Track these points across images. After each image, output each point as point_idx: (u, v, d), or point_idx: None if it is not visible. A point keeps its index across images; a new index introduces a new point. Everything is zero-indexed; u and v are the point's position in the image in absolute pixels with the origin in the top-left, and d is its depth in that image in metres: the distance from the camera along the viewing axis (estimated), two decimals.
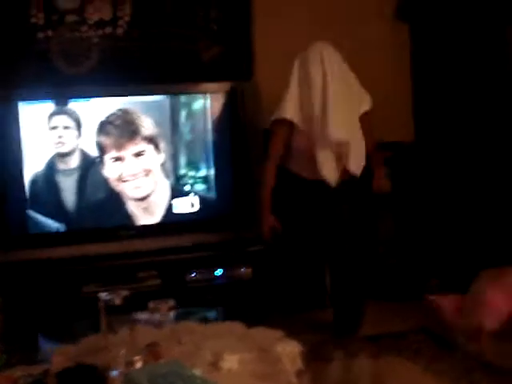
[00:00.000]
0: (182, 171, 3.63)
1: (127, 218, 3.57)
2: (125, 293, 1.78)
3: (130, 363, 1.70)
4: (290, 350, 1.86)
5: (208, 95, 3.63)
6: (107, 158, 3.51)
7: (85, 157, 3.51)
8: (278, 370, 1.77)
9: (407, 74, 4.30)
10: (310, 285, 3.78)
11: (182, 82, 3.76)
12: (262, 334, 2.05)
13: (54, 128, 3.48)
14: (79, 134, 3.51)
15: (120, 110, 3.53)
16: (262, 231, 3.23)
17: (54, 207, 3.48)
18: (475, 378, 2.80)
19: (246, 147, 3.63)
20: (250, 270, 3.65)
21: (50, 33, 3.72)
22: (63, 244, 3.47)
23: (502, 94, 3.63)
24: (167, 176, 3.60)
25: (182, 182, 3.62)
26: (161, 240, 3.58)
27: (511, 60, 3.53)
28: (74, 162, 3.51)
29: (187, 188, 3.62)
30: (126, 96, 3.58)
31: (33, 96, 3.49)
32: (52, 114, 3.48)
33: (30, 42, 3.69)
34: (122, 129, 3.52)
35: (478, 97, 3.78)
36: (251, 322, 2.40)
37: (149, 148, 3.55)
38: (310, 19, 3.98)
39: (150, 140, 3.55)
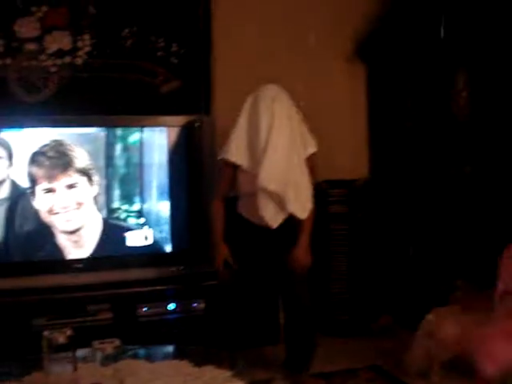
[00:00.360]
0: (135, 204, 3.60)
1: (58, 251, 3.51)
2: (69, 331, 1.75)
3: None
4: None
5: (165, 128, 3.64)
6: (38, 189, 3.45)
7: (15, 187, 3.46)
8: None
9: (363, 113, 4.40)
10: (263, 320, 3.78)
11: (139, 114, 3.76)
12: (209, 373, 2.03)
13: None
14: (10, 164, 3.45)
15: (56, 140, 3.49)
16: (215, 263, 3.23)
17: None
18: None
19: (202, 181, 3.64)
20: (203, 305, 3.63)
21: (8, 60, 3.69)
22: (12, 275, 3.38)
23: (451, 135, 3.74)
24: (104, 209, 3.57)
25: (128, 215, 3.59)
26: (113, 273, 3.53)
27: (459, 103, 3.65)
28: (4, 192, 3.44)
29: (140, 221, 3.60)
30: (83, 127, 3.56)
31: None
32: None
33: None
34: (55, 160, 3.48)
35: (428, 136, 3.89)
36: (202, 357, 2.39)
37: (82, 180, 3.51)
38: (269, 56, 4.04)
39: (85, 173, 3.52)
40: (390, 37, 4.13)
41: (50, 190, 3.45)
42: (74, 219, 3.51)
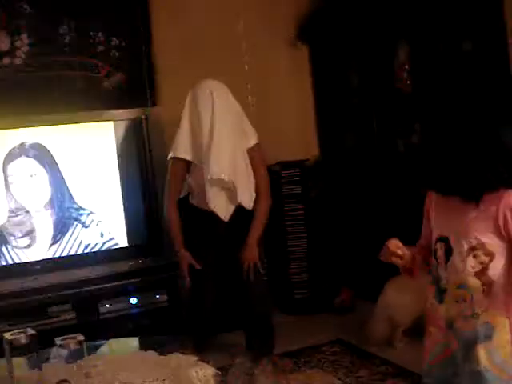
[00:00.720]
0: (90, 200, 3.58)
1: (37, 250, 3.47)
2: (31, 331, 1.74)
3: None
4: (203, 374, 1.87)
5: (111, 123, 3.61)
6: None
7: None
8: None
9: (309, 94, 4.45)
10: (224, 306, 3.80)
11: (85, 110, 3.71)
12: (175, 360, 2.05)
13: None
14: None
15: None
16: (180, 270, 3.24)
17: None
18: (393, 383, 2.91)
19: (152, 174, 3.63)
20: (165, 296, 3.64)
21: None
22: None
23: (395, 109, 3.82)
24: (72, 206, 3.54)
25: (85, 212, 3.56)
26: (73, 272, 3.50)
27: (401, 77, 3.73)
28: None
29: (93, 218, 3.57)
30: (28, 127, 3.50)
31: None
32: None
33: None
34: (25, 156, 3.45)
35: (373, 113, 3.97)
36: (167, 346, 2.40)
37: (46, 176, 3.48)
38: (213, 44, 4.05)
39: (46, 168, 3.48)
40: (330, 17, 4.18)
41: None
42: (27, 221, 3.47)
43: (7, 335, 1.74)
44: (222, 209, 3.15)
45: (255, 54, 4.18)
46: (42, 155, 3.49)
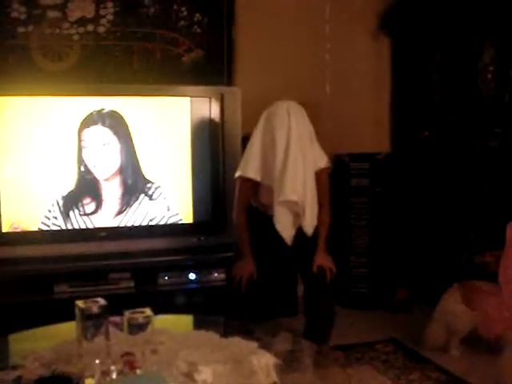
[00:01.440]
0: (159, 173, 3.61)
1: (102, 217, 3.55)
2: (103, 302, 1.77)
3: (106, 373, 1.70)
4: (264, 363, 1.87)
5: (188, 98, 3.62)
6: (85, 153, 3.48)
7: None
8: (253, 382, 1.78)
9: (386, 87, 4.36)
10: (282, 292, 3.80)
11: (162, 83, 3.74)
12: (236, 344, 2.05)
13: None
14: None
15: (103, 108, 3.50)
16: (237, 277, 3.18)
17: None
18: None
19: (223, 153, 3.63)
20: (223, 275, 3.66)
21: (30, 28, 3.68)
22: (36, 243, 3.42)
23: (477, 106, 3.70)
24: (141, 178, 3.59)
25: (153, 185, 3.60)
26: (135, 242, 3.56)
27: (485, 79, 3.61)
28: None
29: (161, 192, 3.61)
30: (105, 96, 3.54)
31: (12, 90, 3.43)
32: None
33: (10, 36, 3.64)
34: (101, 125, 3.49)
35: (452, 111, 3.85)
36: (227, 328, 2.41)
37: (118, 146, 3.53)
38: (294, 29, 4.01)
39: (120, 137, 3.52)
40: (415, 9, 4.07)
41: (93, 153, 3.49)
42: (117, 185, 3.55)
43: (80, 303, 1.77)
44: (287, 232, 3.14)
45: (336, 42, 4.12)
46: (118, 125, 3.52)
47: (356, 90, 4.20)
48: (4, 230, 3.39)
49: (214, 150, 3.64)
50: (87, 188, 3.51)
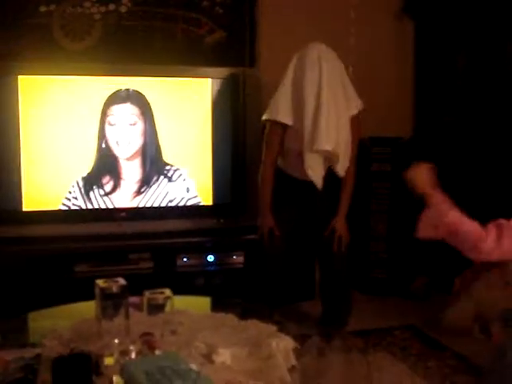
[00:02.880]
0: (179, 155, 3.60)
1: (122, 198, 3.55)
2: (122, 282, 1.77)
3: (125, 352, 1.70)
4: (283, 346, 1.86)
5: (209, 80, 3.59)
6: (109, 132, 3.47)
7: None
8: (272, 365, 1.77)
9: (409, 70, 4.30)
10: (300, 276, 3.79)
11: (183, 64, 3.72)
12: (255, 327, 2.04)
13: None
14: None
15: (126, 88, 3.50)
16: (260, 232, 3.22)
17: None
18: (462, 379, 2.83)
19: (245, 135, 3.61)
20: (242, 258, 3.66)
21: (52, 7, 3.67)
22: (56, 222, 3.44)
23: (502, 94, 3.63)
24: (160, 159, 3.57)
25: (173, 167, 3.59)
26: (155, 223, 3.56)
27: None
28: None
29: (181, 173, 3.60)
30: (126, 76, 3.53)
31: (33, 69, 3.43)
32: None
33: (31, 15, 3.63)
34: (130, 103, 3.50)
35: (477, 97, 3.78)
36: (245, 311, 2.41)
37: (142, 125, 3.52)
38: (316, 10, 3.95)
39: (145, 117, 3.51)
40: None
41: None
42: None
43: (100, 282, 1.76)
44: (318, 177, 3.10)
45: (360, 25, 4.06)
46: (144, 105, 3.52)
47: (379, 74, 4.14)
48: (25, 209, 3.41)
49: (234, 131, 3.62)
50: (107, 167, 3.52)
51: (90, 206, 3.50)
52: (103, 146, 3.49)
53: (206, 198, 3.65)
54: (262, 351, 1.83)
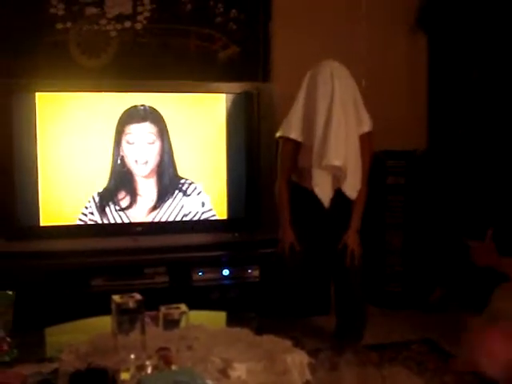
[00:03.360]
0: (193, 170, 3.62)
1: (137, 213, 3.58)
2: (139, 297, 1.79)
3: (141, 367, 1.71)
4: (298, 361, 1.86)
5: (223, 95, 3.62)
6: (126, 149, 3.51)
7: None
8: (287, 380, 1.78)
9: (423, 84, 4.30)
10: (315, 290, 3.79)
11: (197, 80, 3.75)
12: (270, 342, 2.05)
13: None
14: None
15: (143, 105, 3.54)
16: (280, 248, 3.23)
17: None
18: None
19: (259, 149, 3.63)
20: (257, 272, 3.66)
21: (69, 24, 3.73)
22: (73, 237, 3.47)
23: None
24: (176, 173, 3.60)
25: (188, 181, 3.62)
26: (170, 237, 3.58)
27: None
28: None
29: (196, 187, 3.62)
30: (141, 92, 3.57)
31: (50, 86, 3.48)
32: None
33: (48, 33, 3.69)
34: (149, 122, 3.53)
35: (492, 109, 3.78)
36: (261, 325, 2.41)
37: (159, 143, 3.55)
38: (330, 26, 3.98)
39: (162, 135, 3.55)
40: (452, 4, 4.00)
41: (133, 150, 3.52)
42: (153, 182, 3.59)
43: (116, 297, 1.78)
44: (326, 194, 3.13)
45: (373, 37, 4.08)
46: (160, 122, 3.55)
47: (392, 86, 4.15)
48: (42, 224, 3.45)
49: (249, 146, 3.64)
50: (123, 183, 3.54)
51: (106, 221, 3.53)
52: (119, 162, 3.52)
53: (220, 212, 3.67)
54: (277, 366, 1.84)
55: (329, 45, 3.79)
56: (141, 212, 3.58)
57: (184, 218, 3.63)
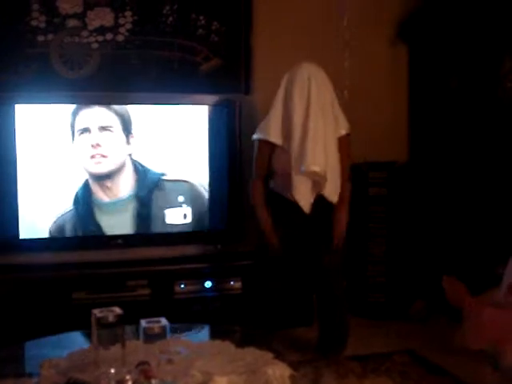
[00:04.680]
0: (175, 181, 3.62)
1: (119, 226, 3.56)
2: (119, 311, 1.78)
3: (121, 382, 1.70)
4: (279, 374, 1.86)
5: (205, 107, 3.63)
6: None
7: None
8: None
9: (404, 95, 4.34)
10: (297, 301, 3.79)
11: (179, 92, 3.76)
12: (251, 354, 2.05)
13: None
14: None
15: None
16: (270, 249, 3.16)
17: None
18: None
19: (241, 162, 3.64)
20: (239, 284, 3.66)
21: (50, 36, 3.72)
22: (54, 250, 3.45)
23: (495, 118, 3.67)
24: (158, 186, 3.60)
25: (174, 192, 3.61)
26: (152, 250, 3.57)
27: (505, 87, 3.57)
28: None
29: (180, 199, 3.62)
30: (124, 104, 3.57)
31: (31, 99, 3.46)
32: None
33: (29, 45, 3.68)
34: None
35: (471, 119, 3.82)
36: (243, 338, 2.41)
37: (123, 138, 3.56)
38: (312, 38, 4.00)
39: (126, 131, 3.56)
40: (432, 17, 4.05)
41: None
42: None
43: (96, 312, 1.77)
44: (306, 199, 3.09)
45: (354, 49, 4.11)
46: (123, 116, 3.55)
47: (374, 98, 4.18)
48: (22, 237, 3.42)
49: (231, 158, 3.65)
50: (107, 195, 3.53)
51: (87, 234, 3.51)
52: (98, 175, 3.51)
53: (202, 224, 3.67)
54: (258, 379, 1.84)
55: (311, 57, 3.80)
56: (125, 224, 3.57)
57: (167, 230, 3.62)
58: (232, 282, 3.66)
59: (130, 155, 3.56)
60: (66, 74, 3.76)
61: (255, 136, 3.19)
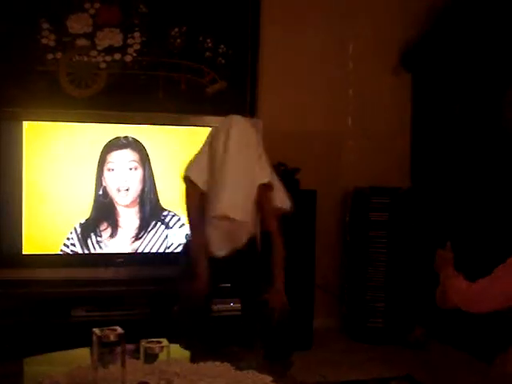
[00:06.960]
0: (177, 202, 3.63)
1: (119, 245, 3.58)
2: (120, 330, 1.78)
3: None
4: None
5: (210, 129, 3.64)
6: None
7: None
8: None
9: (407, 122, 4.38)
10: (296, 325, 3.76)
11: (185, 113, 3.80)
12: (251, 378, 2.05)
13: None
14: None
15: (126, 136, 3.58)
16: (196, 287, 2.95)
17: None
18: None
19: None
20: (238, 305, 3.65)
21: (59, 55, 3.77)
22: (55, 266, 3.45)
23: (498, 148, 3.70)
24: (158, 206, 3.62)
25: (170, 213, 3.63)
26: (152, 269, 3.58)
27: (507, 119, 3.61)
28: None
29: (178, 219, 3.63)
30: (128, 124, 3.60)
31: (39, 116, 3.50)
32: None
33: (39, 63, 3.73)
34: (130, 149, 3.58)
35: (474, 147, 3.85)
36: (242, 359, 2.40)
37: (141, 171, 3.59)
38: (317, 65, 4.06)
39: (143, 163, 3.58)
40: (435, 47, 4.10)
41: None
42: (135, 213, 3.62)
43: (97, 330, 1.78)
44: (219, 248, 2.94)
45: (359, 77, 4.16)
46: (142, 151, 3.59)
47: (377, 124, 4.22)
48: (24, 252, 3.44)
49: None
50: (105, 214, 3.55)
51: (87, 251, 3.53)
52: (101, 192, 3.53)
53: None
54: None
55: (315, 83, 3.87)
56: (123, 242, 3.58)
57: (166, 250, 3.63)
58: (232, 303, 3.65)
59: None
60: (73, 92, 3.80)
61: (183, 172, 3.01)
